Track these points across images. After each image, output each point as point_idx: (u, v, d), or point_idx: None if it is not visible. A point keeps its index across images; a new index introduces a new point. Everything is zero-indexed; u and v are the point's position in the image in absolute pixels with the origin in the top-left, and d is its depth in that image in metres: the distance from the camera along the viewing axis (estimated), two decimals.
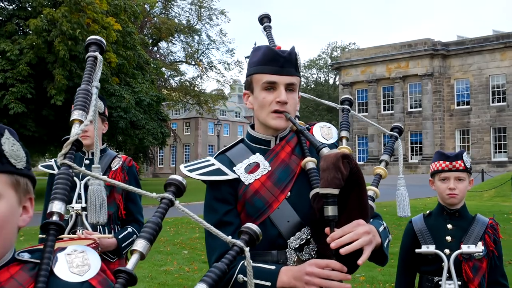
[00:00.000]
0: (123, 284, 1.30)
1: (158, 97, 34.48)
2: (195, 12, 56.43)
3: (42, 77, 28.11)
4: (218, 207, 2.18)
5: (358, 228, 1.87)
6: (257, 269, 1.97)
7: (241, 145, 2.34)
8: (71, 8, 27.26)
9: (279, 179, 2.16)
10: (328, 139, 2.34)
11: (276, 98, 2.15)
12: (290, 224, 2.10)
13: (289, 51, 2.20)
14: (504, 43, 48.74)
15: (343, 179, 1.89)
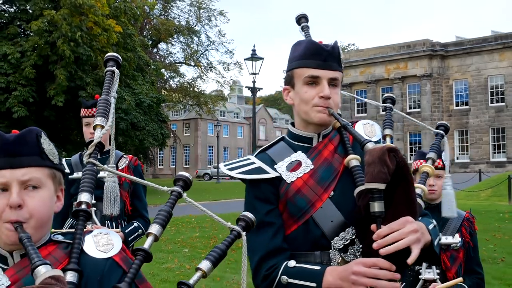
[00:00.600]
0: (141, 260, 1.56)
1: (158, 98, 34.77)
2: (194, 13, 56.57)
3: (44, 79, 28.38)
4: (259, 206, 2.12)
5: (406, 226, 1.79)
6: (301, 269, 1.96)
7: (282, 143, 2.26)
8: (71, 11, 27.51)
9: (322, 178, 2.09)
10: (372, 137, 2.23)
11: (319, 93, 2.09)
12: (334, 224, 2.03)
13: (332, 45, 2.14)
14: (502, 44, 48.98)
15: (389, 173, 1.84)
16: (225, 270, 9.32)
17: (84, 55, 27.74)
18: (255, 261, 2.06)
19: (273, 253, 2.03)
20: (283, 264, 1.99)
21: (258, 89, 21.65)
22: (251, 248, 2.05)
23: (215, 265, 1.61)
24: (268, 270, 2.01)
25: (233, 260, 9.62)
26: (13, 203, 1.48)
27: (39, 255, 1.42)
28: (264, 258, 2.02)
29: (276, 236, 2.05)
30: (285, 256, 2.03)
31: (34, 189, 1.54)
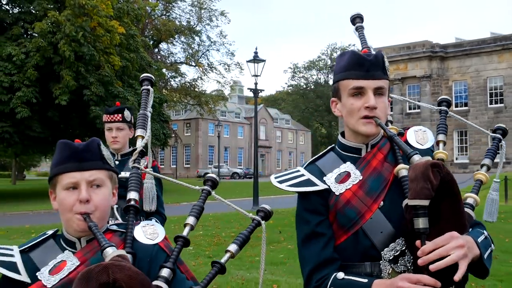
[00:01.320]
0: (181, 245, 1.93)
1: (160, 98, 35.18)
2: (195, 13, 56.86)
3: (47, 79, 28.72)
4: (309, 218, 2.14)
5: (451, 242, 1.77)
6: (349, 281, 1.97)
7: (332, 154, 2.28)
8: (74, 11, 27.88)
9: (371, 188, 2.09)
10: (423, 144, 2.21)
11: (364, 104, 2.09)
12: (384, 234, 2.02)
13: (375, 54, 2.14)
14: (501, 46, 49.44)
15: (433, 189, 1.81)
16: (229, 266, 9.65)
17: (87, 54, 28.07)
18: (306, 271, 2.10)
19: (323, 264, 2.06)
20: (332, 276, 2.01)
21: (260, 90, 22.04)
22: (303, 259, 2.14)
23: (240, 247, 1.98)
24: (318, 281, 2.04)
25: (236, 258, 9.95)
26: (82, 199, 1.85)
27: (106, 239, 1.79)
28: (315, 269, 2.06)
29: (326, 247, 2.08)
30: (336, 267, 2.06)
31: (97, 187, 1.92)
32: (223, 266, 1.93)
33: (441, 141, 2.31)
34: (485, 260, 1.88)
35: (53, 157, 2.05)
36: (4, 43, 28.22)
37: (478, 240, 1.88)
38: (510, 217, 16.06)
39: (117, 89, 30.57)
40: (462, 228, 1.86)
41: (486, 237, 1.99)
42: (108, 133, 4.45)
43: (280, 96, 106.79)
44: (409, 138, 2.22)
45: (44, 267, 1.87)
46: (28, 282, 1.85)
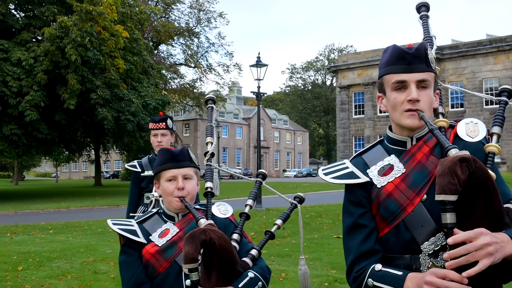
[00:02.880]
0: (245, 219, 2.77)
1: (163, 100, 35.99)
2: (194, 15, 57.47)
3: (55, 83, 29.47)
4: (353, 210, 2.20)
5: (480, 238, 1.74)
6: (386, 273, 2.01)
7: (379, 147, 2.30)
8: (82, 17, 28.64)
9: (414, 182, 2.09)
10: (474, 137, 2.14)
11: (407, 97, 2.09)
12: (425, 228, 2.01)
13: (416, 47, 2.14)
14: (497, 47, 50.16)
15: (459, 184, 1.79)
16: None
17: (93, 59, 28.85)
18: (348, 262, 2.16)
19: (365, 255, 2.11)
20: (370, 267, 2.06)
21: (263, 94, 22.84)
22: (346, 249, 2.20)
23: (284, 222, 2.80)
24: (357, 272, 2.09)
25: None
26: (180, 187, 2.69)
27: (198, 214, 2.63)
28: (356, 259, 2.12)
29: (368, 239, 2.13)
30: (376, 259, 2.10)
31: (188, 180, 2.76)
32: (273, 234, 2.76)
33: (495, 133, 2.18)
34: None
35: (156, 159, 2.90)
36: (13, 48, 28.95)
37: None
38: None
39: (122, 91, 31.37)
40: (498, 225, 1.84)
41: None
42: (154, 138, 5.29)
43: (278, 97, 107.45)
44: (459, 131, 2.18)
45: (154, 232, 2.71)
46: (144, 243, 2.68)
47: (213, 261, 2.35)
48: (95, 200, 29.40)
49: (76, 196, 33.83)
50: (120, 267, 2.72)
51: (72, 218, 19.40)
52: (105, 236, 14.23)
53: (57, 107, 30.21)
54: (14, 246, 12.58)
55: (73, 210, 24.13)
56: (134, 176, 5.40)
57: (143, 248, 2.68)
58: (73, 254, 11.35)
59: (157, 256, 2.64)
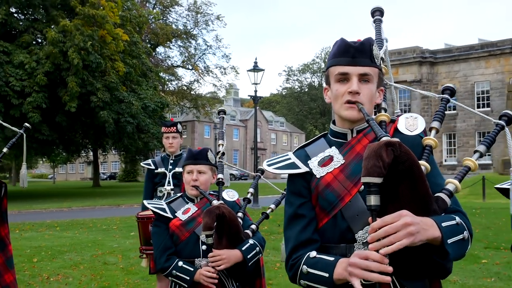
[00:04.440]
0: (247, 203, 3.60)
1: (162, 103, 36.73)
2: (191, 17, 58.09)
3: (56, 86, 30.17)
4: (293, 200, 2.25)
5: (400, 219, 1.78)
6: (319, 260, 2.06)
7: (321, 140, 2.35)
8: (84, 21, 29.41)
9: (353, 173, 2.13)
10: (412, 130, 2.21)
11: (348, 89, 2.13)
12: (360, 218, 2.05)
13: (362, 41, 2.19)
14: (488, 52, 51.10)
15: (384, 167, 1.83)
16: None
17: (94, 62, 29.58)
18: (287, 250, 2.21)
19: (303, 244, 2.15)
20: (305, 256, 2.11)
21: (260, 97, 23.68)
22: (286, 239, 2.25)
23: (276, 206, 3.64)
24: (294, 260, 2.16)
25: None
26: (194, 178, 3.51)
27: (212, 198, 3.45)
28: (295, 248, 2.17)
29: (307, 228, 2.17)
30: (314, 248, 2.14)
31: (202, 174, 3.56)
32: (268, 215, 3.61)
33: (434, 128, 2.26)
34: (447, 244, 1.86)
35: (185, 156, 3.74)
36: (14, 51, 29.66)
37: (441, 224, 1.88)
38: (484, 212, 17.84)
39: (122, 94, 32.11)
40: (424, 209, 1.88)
41: (457, 223, 1.95)
42: (166, 140, 6.14)
43: (275, 99, 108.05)
44: (399, 125, 2.24)
45: (179, 210, 3.54)
46: (171, 217, 3.51)
47: (224, 229, 3.20)
48: (95, 200, 30.16)
49: (76, 196, 34.56)
50: (152, 236, 3.61)
51: (75, 217, 20.19)
52: (110, 232, 15.05)
53: (58, 108, 30.87)
54: (25, 242, 13.37)
55: (75, 210, 24.91)
56: (148, 173, 6.24)
57: (170, 221, 3.53)
58: (82, 248, 12.16)
59: (181, 228, 3.50)
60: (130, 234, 14.53)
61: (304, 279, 2.11)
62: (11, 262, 4.16)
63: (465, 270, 9.07)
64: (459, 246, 1.93)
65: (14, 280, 4.17)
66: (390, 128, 2.25)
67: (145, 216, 5.62)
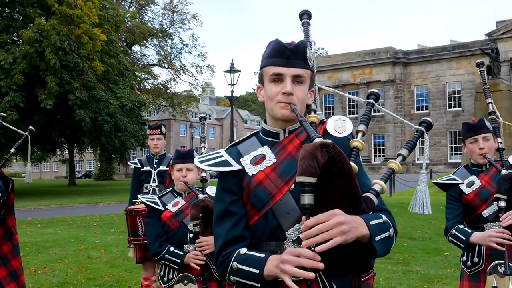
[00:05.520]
0: None
1: (139, 102, 37.03)
2: (168, 16, 58.12)
3: (33, 85, 30.35)
4: (224, 197, 2.25)
5: (333, 218, 1.82)
6: (249, 256, 2.08)
7: (253, 138, 2.38)
8: (61, 20, 29.64)
9: (284, 172, 2.16)
10: (341, 132, 2.28)
11: (282, 89, 2.16)
12: (290, 216, 2.10)
13: (296, 44, 2.23)
14: (459, 53, 52.30)
15: (318, 168, 1.87)
16: None
17: (71, 62, 29.83)
18: (217, 247, 2.21)
19: (233, 241, 2.17)
20: (235, 252, 2.12)
21: (236, 97, 24.25)
22: (215, 235, 2.25)
23: None
24: (224, 256, 2.16)
25: None
26: (183, 175, 4.04)
27: (198, 192, 4.00)
28: (225, 245, 2.18)
29: (237, 226, 2.19)
30: (244, 245, 2.16)
31: (189, 171, 4.10)
32: None
33: (360, 131, 2.32)
34: (374, 241, 1.93)
35: (173, 155, 4.27)
36: None
37: (370, 222, 1.94)
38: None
39: (100, 93, 32.37)
40: (354, 208, 1.93)
41: (384, 222, 2.02)
42: (151, 141, 6.68)
43: (250, 98, 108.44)
44: (328, 127, 2.30)
45: (169, 203, 4.08)
46: (162, 210, 4.05)
47: (209, 219, 3.75)
48: (73, 198, 30.42)
49: (53, 195, 34.66)
50: (147, 226, 4.16)
51: (54, 215, 20.53)
52: (90, 229, 15.49)
53: (35, 108, 31.03)
54: None
55: (53, 208, 25.19)
56: (135, 171, 6.79)
57: (162, 213, 4.07)
58: (65, 243, 12.61)
59: (171, 219, 4.05)
60: (111, 230, 14.99)
61: (234, 275, 2.12)
62: (18, 249, 4.69)
63: (428, 262, 9.71)
64: (385, 243, 2.01)
65: (20, 266, 4.71)
66: (320, 130, 2.32)
67: (133, 209, 6.14)
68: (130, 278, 8.68)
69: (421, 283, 8.08)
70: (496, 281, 3.69)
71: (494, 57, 28.53)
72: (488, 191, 3.83)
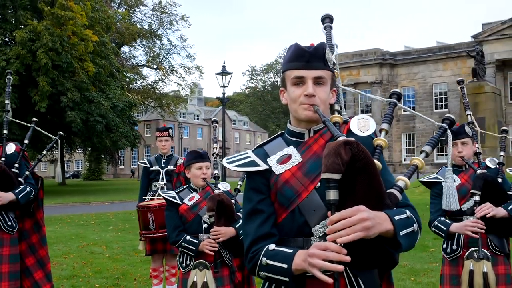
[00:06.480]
0: (238, 192, 4.69)
1: (130, 102, 37.46)
2: (156, 17, 58.36)
3: (26, 86, 30.66)
4: (252, 196, 2.32)
5: (357, 214, 1.87)
6: (278, 252, 2.14)
7: (279, 139, 2.43)
8: (53, 22, 29.99)
9: (310, 170, 2.22)
10: (364, 131, 2.33)
11: (304, 92, 2.22)
12: (316, 213, 2.15)
13: (315, 46, 2.28)
14: (446, 54, 52.95)
15: (342, 164, 1.92)
16: None
17: (64, 62, 30.19)
18: (246, 244, 2.28)
19: (261, 238, 2.23)
20: (264, 248, 2.18)
21: (227, 99, 24.77)
22: (244, 233, 2.33)
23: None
24: (253, 252, 2.23)
25: None
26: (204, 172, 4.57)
27: (214, 188, 4.53)
28: (254, 242, 2.25)
29: (265, 223, 2.26)
30: (272, 241, 2.22)
31: (207, 169, 4.64)
32: None
33: (383, 129, 2.33)
34: (399, 236, 1.97)
35: (188, 156, 4.80)
36: None
37: (394, 217, 1.98)
38: None
39: (92, 94, 32.76)
40: (378, 204, 1.98)
41: (408, 217, 2.06)
42: (159, 143, 7.23)
43: (239, 98, 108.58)
44: (351, 126, 2.34)
45: (186, 198, 4.59)
46: (180, 203, 4.55)
47: (222, 211, 4.29)
48: (66, 197, 30.73)
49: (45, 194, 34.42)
50: (166, 218, 4.70)
51: (50, 213, 20.88)
52: (88, 227, 15.95)
53: (28, 108, 31.31)
54: None
55: (48, 207, 25.43)
56: (144, 170, 7.34)
57: (179, 206, 4.60)
58: (67, 240, 13.07)
59: (187, 211, 4.57)
60: (108, 228, 15.48)
61: (263, 270, 2.18)
62: (45, 240, 5.24)
63: (414, 257, 10.27)
64: (409, 238, 2.04)
65: (47, 255, 5.24)
66: (343, 129, 2.35)
67: (144, 206, 6.68)
68: (134, 271, 9.19)
69: (408, 276, 8.63)
70: (473, 265, 4.30)
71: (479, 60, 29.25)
72: (467, 188, 4.45)
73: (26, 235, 5.13)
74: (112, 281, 8.49)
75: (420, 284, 8.10)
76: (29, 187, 4.92)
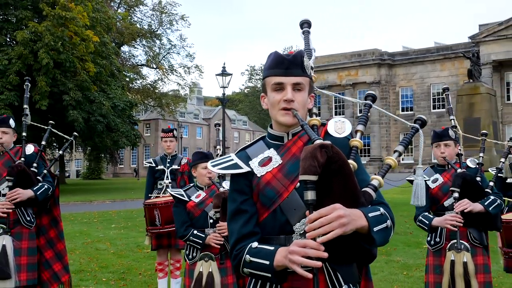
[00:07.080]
0: None
1: (130, 102, 37.75)
2: (156, 17, 58.52)
3: None
4: (236, 197, 2.42)
5: (334, 212, 1.96)
6: (260, 249, 2.25)
7: (260, 142, 2.53)
8: (54, 23, 30.32)
9: (289, 172, 2.31)
10: (341, 133, 2.41)
11: (283, 97, 2.32)
12: (297, 211, 2.24)
13: (294, 54, 2.38)
14: (443, 55, 53.55)
15: (319, 166, 2.01)
16: None
17: (67, 61, 30.47)
18: (231, 242, 2.38)
19: (245, 237, 2.33)
20: (248, 246, 2.28)
21: (227, 100, 25.14)
22: (229, 232, 2.43)
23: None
24: (237, 250, 2.33)
25: None
26: (209, 171, 4.99)
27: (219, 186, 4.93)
28: (238, 240, 2.35)
29: (249, 222, 2.36)
30: (255, 240, 2.32)
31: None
32: None
33: (359, 130, 2.41)
34: (373, 231, 2.06)
35: (194, 156, 5.20)
36: None
37: (368, 214, 2.08)
38: None
39: (93, 94, 33.05)
40: (354, 202, 2.08)
41: (381, 214, 2.15)
42: (164, 143, 7.61)
43: (238, 98, 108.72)
44: (329, 128, 2.44)
45: (192, 195, 4.97)
46: (187, 200, 4.93)
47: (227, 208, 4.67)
48: (67, 196, 30.93)
49: None
50: (174, 214, 5.08)
51: None
52: (92, 225, 16.30)
53: (30, 107, 31.50)
54: None
55: None
56: (150, 170, 7.73)
57: (187, 203, 4.98)
58: (72, 237, 13.42)
59: (194, 207, 4.96)
60: (111, 226, 15.84)
61: (247, 267, 2.27)
62: (62, 234, 5.65)
63: (408, 253, 10.68)
64: (383, 233, 2.13)
65: (64, 248, 5.66)
66: (321, 131, 2.46)
67: (150, 203, 7.08)
68: (139, 266, 9.59)
69: (401, 270, 9.04)
70: (454, 255, 4.71)
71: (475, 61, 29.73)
72: (449, 186, 4.88)
73: (44, 230, 5.55)
74: (118, 275, 8.90)
75: (412, 278, 8.49)
76: (46, 184, 5.35)
